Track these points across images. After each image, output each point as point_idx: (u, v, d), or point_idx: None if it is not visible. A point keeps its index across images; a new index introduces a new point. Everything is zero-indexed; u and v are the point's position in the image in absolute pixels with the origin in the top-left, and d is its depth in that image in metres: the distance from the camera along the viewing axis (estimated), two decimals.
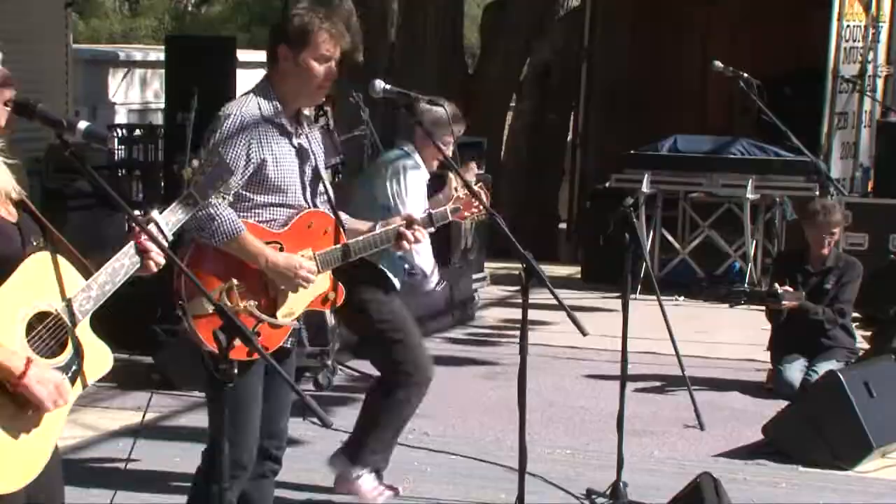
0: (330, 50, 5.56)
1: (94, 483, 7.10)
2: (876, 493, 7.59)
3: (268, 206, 5.51)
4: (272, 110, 5.57)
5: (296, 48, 5.54)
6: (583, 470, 7.73)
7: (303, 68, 5.55)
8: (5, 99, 4.01)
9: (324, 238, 5.62)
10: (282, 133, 5.56)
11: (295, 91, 5.61)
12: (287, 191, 5.54)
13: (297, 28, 5.56)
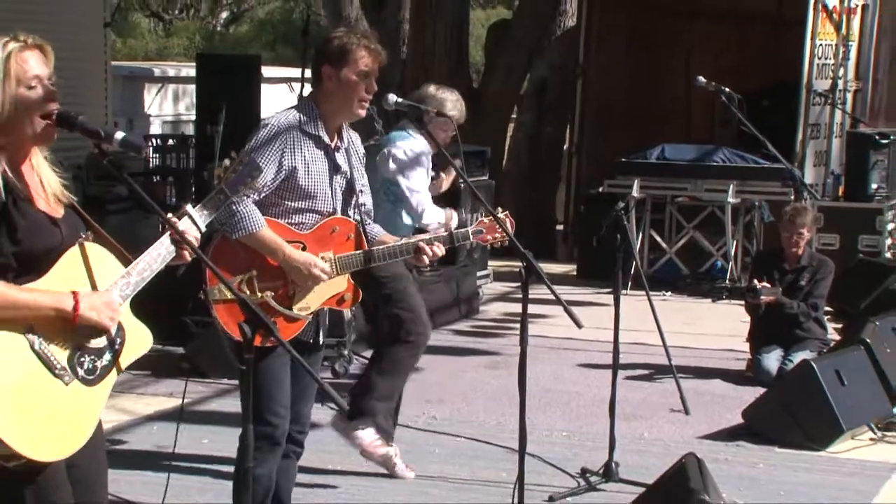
0: (368, 65, 5.61)
1: (132, 463, 7.11)
2: (846, 472, 7.58)
3: (298, 210, 5.54)
4: (311, 125, 5.61)
5: (337, 66, 5.58)
6: (578, 451, 7.72)
7: (344, 84, 5.58)
8: (51, 113, 4.02)
9: (346, 243, 5.63)
10: (318, 145, 5.59)
11: (338, 107, 5.64)
12: (316, 198, 5.58)
13: (337, 48, 5.61)
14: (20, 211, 3.97)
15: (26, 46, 4.01)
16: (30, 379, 3.88)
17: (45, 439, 3.91)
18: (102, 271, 4.09)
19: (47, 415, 3.90)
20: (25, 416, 3.86)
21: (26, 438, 3.85)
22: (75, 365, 3.96)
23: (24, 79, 3.97)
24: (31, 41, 4.03)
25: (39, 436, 3.89)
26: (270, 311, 5.36)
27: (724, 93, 9.58)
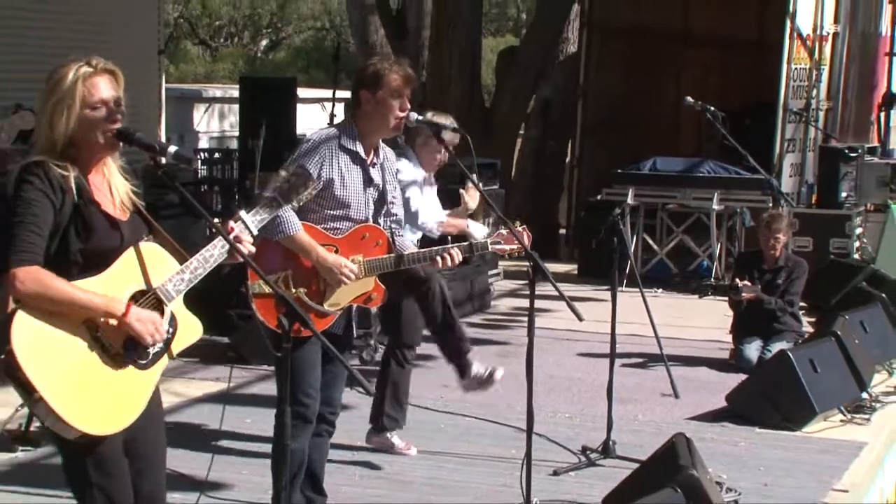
0: (401, 87, 5.62)
1: (183, 440, 7.11)
2: (819, 450, 7.56)
3: (334, 217, 5.56)
4: (350, 141, 5.63)
5: (373, 90, 5.61)
6: (579, 430, 7.71)
7: (380, 105, 5.60)
8: (112, 130, 4.07)
9: (375, 249, 5.65)
10: (354, 160, 5.62)
11: (375, 126, 5.67)
12: (350, 207, 5.61)
13: (372, 74, 5.64)
14: (88, 213, 4.03)
15: (96, 72, 4.07)
16: (88, 362, 3.92)
17: (100, 416, 3.94)
18: (158, 269, 4.12)
19: (102, 394, 3.95)
20: (83, 396, 3.90)
21: (83, 415, 3.89)
22: (130, 350, 3.99)
23: (89, 101, 4.04)
24: (101, 66, 4.09)
25: (95, 413, 3.93)
26: (304, 306, 5.38)
27: (710, 111, 9.58)
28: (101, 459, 4.04)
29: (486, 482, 6.76)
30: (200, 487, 6.10)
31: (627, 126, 16.02)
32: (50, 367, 3.83)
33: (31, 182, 3.93)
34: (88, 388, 3.90)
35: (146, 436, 4.22)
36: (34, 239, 3.89)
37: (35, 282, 3.84)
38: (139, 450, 4.19)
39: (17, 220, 3.90)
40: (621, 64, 16.24)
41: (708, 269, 13.37)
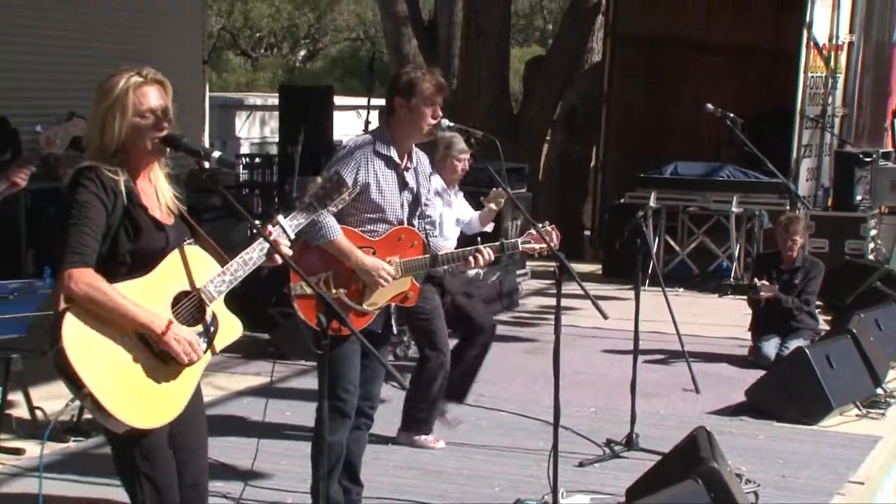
0: (434, 95, 5.62)
1: (226, 431, 7.14)
2: (835, 443, 7.52)
3: (371, 220, 5.57)
4: (384, 147, 5.63)
5: (406, 97, 5.61)
6: (604, 424, 7.69)
7: (414, 112, 5.60)
8: (159, 137, 4.10)
9: (411, 250, 5.66)
10: (388, 165, 5.61)
11: (409, 132, 5.67)
12: (386, 210, 5.61)
13: (406, 82, 5.64)
14: (137, 215, 4.07)
15: (146, 82, 4.11)
16: (134, 359, 3.96)
17: (146, 410, 3.98)
18: (200, 270, 4.14)
19: (148, 389, 3.98)
20: (129, 391, 3.93)
21: (130, 410, 3.92)
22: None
23: (138, 110, 4.07)
24: (150, 76, 4.12)
25: (141, 408, 3.96)
26: (343, 306, 5.40)
27: (729, 117, 9.56)
28: (147, 450, 4.08)
29: (515, 473, 6.76)
30: (244, 477, 6.13)
31: (649, 132, 15.98)
32: (98, 364, 3.85)
33: (85, 185, 3.97)
34: (135, 383, 3.92)
35: (190, 428, 4.26)
36: (88, 241, 3.92)
37: (87, 285, 3.87)
38: (183, 441, 4.23)
39: (72, 222, 3.94)
40: (643, 72, 16.20)
41: (727, 270, 13.32)
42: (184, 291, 4.07)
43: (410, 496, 6.31)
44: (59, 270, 3.92)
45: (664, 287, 8.75)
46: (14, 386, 7.17)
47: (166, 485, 4.13)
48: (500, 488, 6.48)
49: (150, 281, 4.00)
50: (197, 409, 4.30)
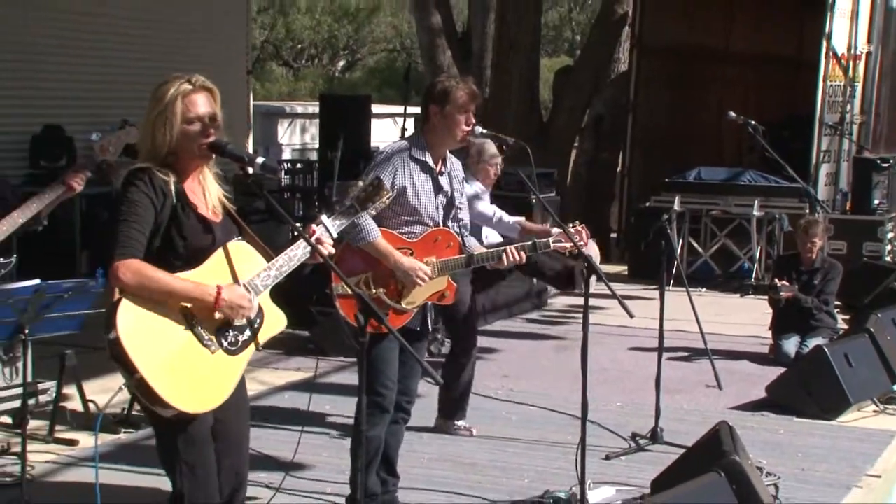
0: (467, 103, 5.62)
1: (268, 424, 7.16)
2: (853, 438, 7.48)
3: (408, 223, 5.58)
4: (420, 152, 5.65)
5: (441, 105, 5.61)
6: (629, 419, 7.67)
7: (448, 119, 5.60)
8: (205, 143, 4.13)
9: (447, 250, 5.66)
10: (424, 169, 5.63)
11: (443, 138, 5.67)
12: (422, 212, 5.62)
13: (441, 90, 5.64)
14: (185, 214, 4.13)
15: (195, 89, 4.16)
16: (183, 347, 4.00)
17: (193, 396, 4.02)
18: (246, 266, 4.20)
19: (195, 376, 4.02)
20: (178, 377, 3.98)
21: (178, 394, 3.96)
22: (221, 337, 4.08)
23: (187, 116, 4.13)
24: (199, 84, 4.18)
25: (188, 393, 4.00)
26: (382, 305, 5.41)
27: (751, 124, 9.53)
28: (190, 438, 4.12)
29: (544, 465, 6.75)
30: (285, 468, 6.15)
31: (673, 138, 15.95)
32: (149, 351, 3.91)
33: (136, 185, 4.05)
34: (183, 370, 3.97)
35: (233, 419, 4.30)
36: (135, 235, 3.99)
37: (135, 273, 3.94)
38: (227, 431, 4.26)
39: (122, 219, 4.02)
40: (668, 81, 16.17)
41: (749, 271, 13.27)
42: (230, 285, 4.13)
43: (444, 487, 6.31)
44: (110, 266, 3.99)
45: (688, 287, 8.71)
46: (68, 380, 7.22)
47: (206, 472, 4.17)
48: (529, 480, 6.48)
49: (198, 274, 4.08)
50: (240, 402, 4.34)
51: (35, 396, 7.11)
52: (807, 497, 6.28)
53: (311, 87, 36.41)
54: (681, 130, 16.11)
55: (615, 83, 16.71)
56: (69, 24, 12.43)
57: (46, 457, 6.61)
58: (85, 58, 12.65)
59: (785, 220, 12.97)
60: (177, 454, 4.12)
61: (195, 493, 4.13)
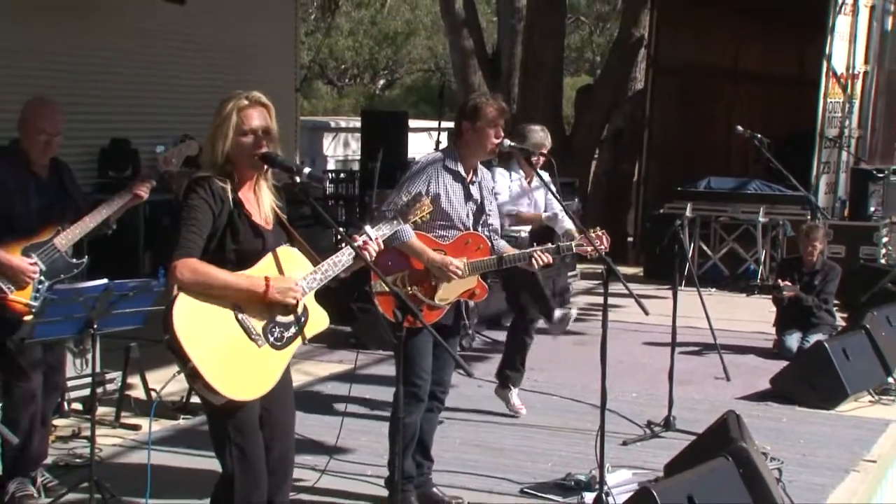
0: (496, 118, 5.62)
1: (312, 410, 7.18)
2: (851, 426, 7.44)
3: (442, 227, 5.58)
4: (452, 163, 5.65)
5: (472, 120, 5.61)
6: (644, 408, 7.65)
7: (479, 133, 5.60)
8: (258, 154, 4.15)
9: (477, 252, 5.67)
10: (455, 178, 5.64)
11: (474, 151, 5.68)
12: (454, 217, 5.63)
13: (472, 107, 5.65)
14: (240, 220, 4.15)
15: (250, 104, 4.20)
16: (233, 340, 4.03)
17: (239, 384, 4.03)
18: (294, 269, 4.22)
19: (242, 367, 4.05)
20: (227, 367, 4.01)
21: (226, 383, 3.99)
22: (268, 333, 4.10)
23: (241, 129, 4.16)
24: (254, 99, 4.21)
25: (236, 382, 4.03)
26: (417, 301, 5.41)
27: (757, 138, 9.45)
28: (240, 423, 4.13)
29: (566, 450, 6.74)
30: (329, 451, 6.16)
31: (685, 151, 15.90)
32: (202, 342, 3.95)
33: (196, 192, 4.09)
34: (232, 361, 4.00)
35: (280, 407, 4.31)
36: (193, 237, 4.03)
37: (190, 270, 3.98)
38: (274, 418, 4.27)
39: (182, 223, 4.06)
40: (681, 98, 16.12)
41: (755, 272, 13.20)
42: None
43: (474, 470, 6.31)
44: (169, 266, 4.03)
45: (698, 287, 8.68)
46: (132, 370, 7.27)
47: (254, 455, 4.18)
48: (552, 463, 6.47)
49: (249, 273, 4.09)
50: (286, 392, 4.35)
51: (103, 385, 7.17)
52: (808, 480, 6.24)
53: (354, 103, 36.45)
54: (692, 143, 16.05)
55: (632, 100, 16.66)
56: (134, 49, 12.52)
57: (113, 440, 6.66)
58: (148, 79, 12.73)
59: (788, 226, 12.92)
60: (227, 438, 4.14)
61: (243, 475, 4.14)
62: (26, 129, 5.52)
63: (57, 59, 11.50)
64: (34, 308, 5.33)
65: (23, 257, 5.37)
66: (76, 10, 11.60)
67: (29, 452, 5.57)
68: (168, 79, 12.95)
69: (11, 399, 5.50)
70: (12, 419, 5.44)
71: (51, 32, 11.46)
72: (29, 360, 5.46)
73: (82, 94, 11.65)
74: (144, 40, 12.62)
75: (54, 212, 5.55)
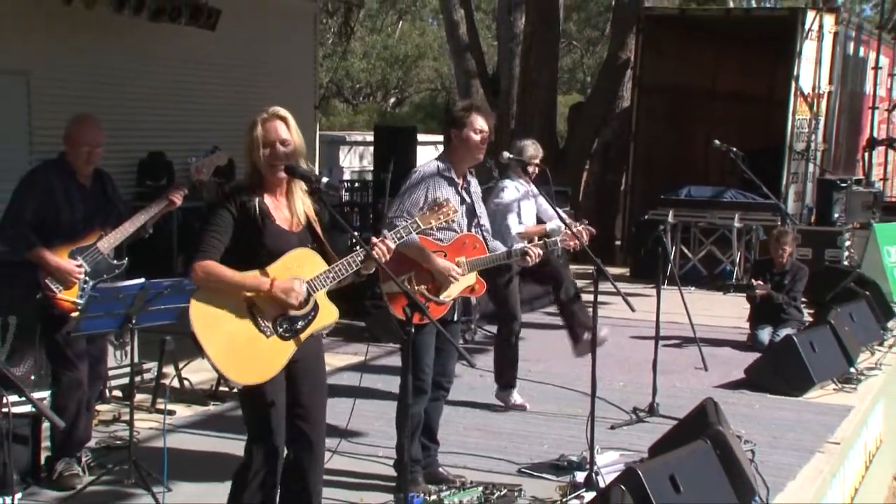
0: (481, 125, 5.56)
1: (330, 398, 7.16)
2: (817, 412, 7.43)
3: (441, 229, 5.53)
4: (446, 170, 5.61)
5: (458, 128, 5.56)
6: (630, 395, 7.64)
7: (465, 140, 5.56)
8: (283, 167, 4.20)
9: (474, 251, 5.64)
10: (449, 183, 5.59)
11: (463, 156, 5.64)
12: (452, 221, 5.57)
13: (457, 116, 5.60)
14: (264, 224, 4.19)
15: (269, 118, 4.24)
16: (242, 331, 4.10)
17: (246, 370, 4.09)
18: (311, 267, 4.23)
19: (250, 355, 4.11)
20: (235, 355, 4.06)
21: (234, 369, 4.06)
22: (277, 325, 4.14)
23: (265, 141, 4.21)
24: (272, 112, 4.28)
25: (241, 368, 4.08)
26: (424, 299, 5.38)
27: (732, 151, 9.44)
28: (262, 398, 4.18)
29: (560, 434, 6.74)
30: (343, 434, 6.16)
31: (668, 162, 15.86)
32: (213, 333, 4.01)
33: (220, 199, 4.13)
34: (240, 349, 4.07)
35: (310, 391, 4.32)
36: (212, 241, 4.07)
37: (205, 271, 4.05)
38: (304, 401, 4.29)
39: (204, 228, 4.12)
40: (663, 115, 16.09)
41: (730, 272, 13.19)
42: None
43: (476, 452, 6.31)
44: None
45: (680, 286, 8.71)
46: (167, 361, 7.28)
47: (275, 424, 4.23)
48: (547, 446, 6.46)
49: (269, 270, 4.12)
50: (319, 381, 4.40)
51: (140, 375, 7.19)
52: (778, 460, 6.23)
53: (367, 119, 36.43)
54: (674, 156, 16.02)
55: (619, 117, 16.65)
56: (170, 71, 12.54)
57: (149, 424, 6.66)
58: (182, 97, 12.75)
59: (760, 231, 12.91)
60: (253, 410, 4.21)
61: (260, 449, 4.21)
62: (70, 143, 5.54)
63: (102, 81, 11.56)
64: (80, 305, 5.35)
65: (70, 260, 5.40)
66: (119, 37, 11.65)
67: (75, 435, 5.58)
68: (200, 98, 12.96)
69: (60, 387, 5.52)
70: (61, 405, 5.46)
71: (97, 57, 11.52)
72: (75, 351, 5.48)
73: (124, 112, 11.67)
74: (179, 63, 12.64)
75: (97, 218, 5.57)
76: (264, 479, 4.22)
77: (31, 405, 3.67)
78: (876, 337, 9.58)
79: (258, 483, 4.21)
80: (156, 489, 5.27)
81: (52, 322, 5.47)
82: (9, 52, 10.54)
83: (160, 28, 11.66)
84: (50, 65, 10.96)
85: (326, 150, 19.30)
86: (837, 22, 14.71)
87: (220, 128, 12.36)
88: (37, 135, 10.69)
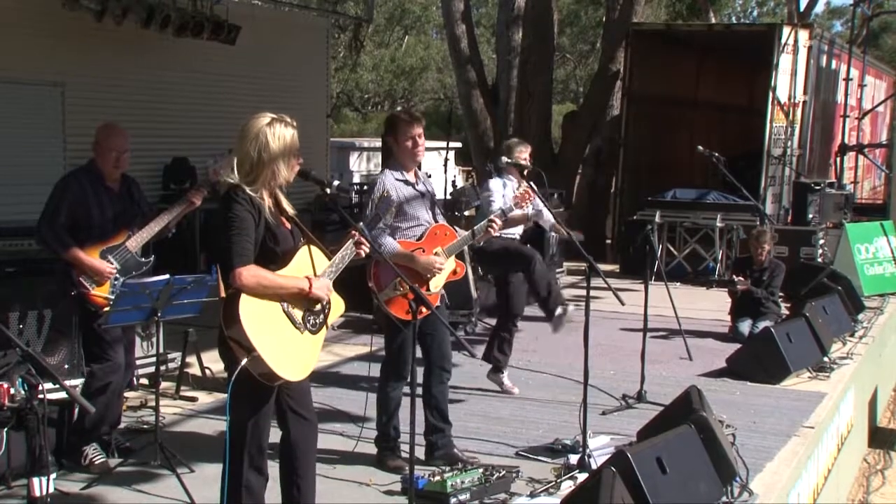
0: (411, 129, 5.52)
1: (341, 385, 7.17)
2: (793, 398, 7.41)
3: (410, 227, 5.58)
4: (399, 174, 5.62)
5: (393, 135, 5.57)
6: (620, 383, 7.63)
7: (401, 145, 5.57)
8: (297, 165, 4.13)
9: (447, 238, 5.72)
10: (406, 184, 5.60)
11: (403, 159, 5.62)
12: (418, 217, 5.63)
13: (389, 124, 5.63)
14: (275, 225, 4.11)
15: (292, 125, 4.18)
16: (283, 328, 4.03)
17: (290, 366, 4.03)
18: (318, 262, 4.21)
19: (293, 352, 4.05)
20: (283, 353, 4.00)
21: (284, 366, 3.98)
22: (306, 321, 4.08)
23: (295, 151, 4.15)
24: (291, 121, 4.22)
25: (289, 365, 4.02)
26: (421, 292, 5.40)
27: (714, 156, 9.43)
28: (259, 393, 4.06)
29: (555, 419, 6.72)
30: (355, 420, 6.15)
31: (655, 166, 15.87)
32: (263, 334, 3.93)
33: (238, 202, 4.01)
34: (286, 348, 4.00)
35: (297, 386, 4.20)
36: (248, 245, 3.98)
37: (253, 276, 3.94)
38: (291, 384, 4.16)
39: (235, 232, 3.97)
40: (651, 122, 16.08)
41: (713, 269, 13.16)
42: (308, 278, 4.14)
43: (476, 436, 6.30)
44: (226, 269, 3.95)
45: (666, 282, 8.69)
46: (190, 351, 7.27)
47: (262, 415, 4.11)
48: (542, 430, 6.45)
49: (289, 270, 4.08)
50: None
51: (165, 364, 7.18)
52: (757, 444, 6.22)
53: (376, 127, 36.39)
54: (660, 160, 16.01)
55: (610, 124, 16.63)
56: (192, 83, 12.56)
57: (174, 410, 6.67)
58: (204, 107, 12.76)
59: (740, 230, 12.88)
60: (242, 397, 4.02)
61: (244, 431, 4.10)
62: (99, 149, 5.56)
63: (130, 91, 11.57)
64: (111, 301, 5.36)
65: (102, 259, 5.44)
66: (146, 51, 11.68)
67: (107, 418, 5.58)
68: (220, 107, 12.96)
69: (99, 372, 5.52)
70: (99, 388, 5.46)
71: (126, 69, 11.55)
72: (112, 336, 5.50)
73: (150, 121, 11.70)
74: (200, 75, 12.65)
75: (125, 219, 5.59)
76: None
77: (65, 392, 3.65)
78: (847, 329, 9.59)
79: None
80: (179, 469, 5.26)
81: (88, 315, 5.50)
82: (46, 64, 10.64)
83: (184, 43, 11.68)
84: (83, 76, 11.04)
85: (337, 155, 19.29)
86: (811, 37, 14.70)
87: (232, 131, 12.36)
88: (70, 142, 10.71)
